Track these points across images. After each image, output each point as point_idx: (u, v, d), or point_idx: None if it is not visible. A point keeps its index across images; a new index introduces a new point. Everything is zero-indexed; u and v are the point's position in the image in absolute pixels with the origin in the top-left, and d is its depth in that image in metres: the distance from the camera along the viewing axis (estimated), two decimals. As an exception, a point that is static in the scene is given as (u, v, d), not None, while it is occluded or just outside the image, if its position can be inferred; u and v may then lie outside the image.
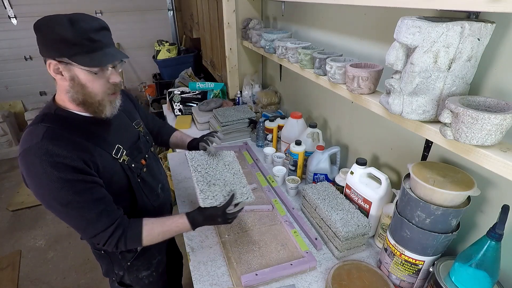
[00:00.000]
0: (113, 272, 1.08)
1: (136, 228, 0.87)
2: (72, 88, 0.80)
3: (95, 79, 0.79)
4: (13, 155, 3.67)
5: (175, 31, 4.41)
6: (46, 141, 0.75)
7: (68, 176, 0.76)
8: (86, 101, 0.82)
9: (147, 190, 1.00)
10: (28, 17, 3.70)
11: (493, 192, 0.78)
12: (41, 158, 0.74)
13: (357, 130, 1.32)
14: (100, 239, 0.84)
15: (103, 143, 0.86)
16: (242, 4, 1.96)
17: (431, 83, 0.66)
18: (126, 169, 0.91)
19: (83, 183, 0.78)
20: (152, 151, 1.09)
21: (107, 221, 0.83)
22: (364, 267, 0.94)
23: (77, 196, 0.78)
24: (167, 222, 0.91)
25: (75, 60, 0.75)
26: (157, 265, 1.16)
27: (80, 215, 0.80)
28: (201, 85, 2.27)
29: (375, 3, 0.77)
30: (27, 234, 2.51)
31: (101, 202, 0.82)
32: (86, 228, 0.82)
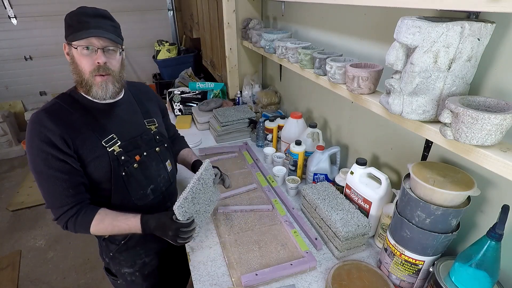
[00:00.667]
0: (102, 257, 1.15)
1: (88, 214, 0.91)
2: (72, 69, 0.90)
3: (82, 57, 0.88)
4: (13, 155, 3.67)
5: (175, 31, 4.41)
6: (44, 111, 0.87)
7: (44, 147, 0.84)
8: (79, 81, 0.91)
9: (131, 186, 1.00)
10: (28, 17, 3.71)
11: (493, 192, 0.78)
12: (32, 125, 0.86)
13: (357, 130, 1.32)
14: (55, 213, 0.91)
15: (98, 128, 0.93)
16: (242, 4, 1.96)
17: (431, 83, 0.66)
18: (112, 159, 0.94)
19: (55, 159, 0.85)
20: (157, 151, 1.07)
21: (66, 201, 0.89)
22: (364, 267, 0.94)
23: (47, 168, 0.86)
24: (120, 217, 0.93)
25: (68, 40, 0.87)
26: (142, 266, 1.14)
27: (46, 185, 0.88)
28: (201, 85, 2.27)
29: (375, 3, 0.77)
30: (27, 234, 2.52)
31: (66, 182, 0.88)
32: (47, 199, 0.90)
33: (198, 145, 1.78)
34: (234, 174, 1.49)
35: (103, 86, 0.91)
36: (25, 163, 3.53)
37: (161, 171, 1.10)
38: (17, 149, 3.67)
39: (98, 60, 0.88)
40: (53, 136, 0.85)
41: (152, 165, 1.06)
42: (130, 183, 0.99)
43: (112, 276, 1.17)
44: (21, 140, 3.75)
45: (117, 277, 1.16)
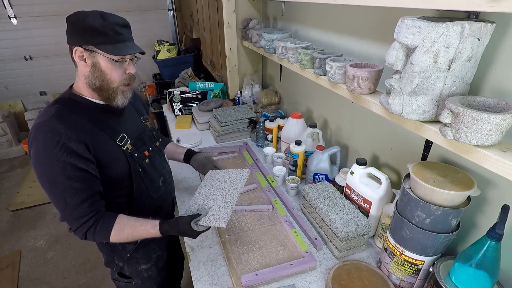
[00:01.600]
0: (114, 263, 1.12)
1: (107, 224, 0.89)
2: (91, 74, 0.87)
3: (114, 68, 0.88)
4: (13, 155, 3.67)
5: (175, 31, 4.41)
6: (54, 119, 0.83)
7: (63, 157, 0.81)
8: (102, 87, 0.89)
9: (147, 180, 1.03)
10: (28, 17, 3.70)
11: (493, 192, 0.78)
12: (45, 133, 0.81)
13: (357, 130, 1.32)
14: (72, 224, 0.88)
15: (109, 129, 0.93)
16: (242, 4, 1.96)
17: (431, 83, 0.66)
18: (128, 156, 0.96)
19: (74, 169, 0.82)
20: (157, 145, 1.12)
21: (84, 211, 0.86)
22: (364, 267, 0.94)
23: (64, 178, 0.82)
24: (139, 227, 0.91)
25: (100, 48, 0.84)
26: (157, 260, 1.18)
27: (62, 197, 0.84)
28: (201, 85, 2.27)
29: (375, 3, 0.77)
30: (27, 234, 2.51)
31: (84, 191, 0.85)
32: (64, 210, 0.86)
33: (198, 145, 1.78)
34: (234, 174, 1.49)
35: (125, 94, 0.94)
36: (25, 163, 3.53)
37: (164, 163, 1.16)
38: (17, 149, 3.67)
39: (131, 71, 0.92)
40: (73, 143, 0.82)
41: (157, 159, 1.10)
42: (146, 177, 1.03)
43: (126, 279, 1.16)
44: (21, 140, 3.75)
45: (131, 278, 1.15)
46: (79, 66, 0.88)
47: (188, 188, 1.42)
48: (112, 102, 0.92)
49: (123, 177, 0.96)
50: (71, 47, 0.85)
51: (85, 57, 0.85)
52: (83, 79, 0.89)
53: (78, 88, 0.92)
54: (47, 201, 2.85)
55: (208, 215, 0.91)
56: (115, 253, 1.09)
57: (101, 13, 0.86)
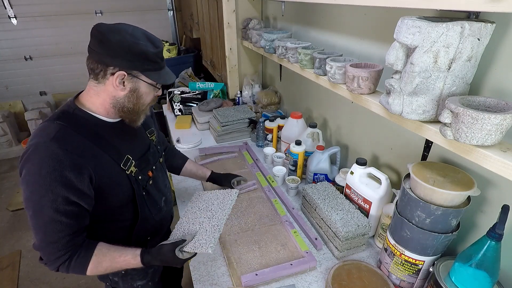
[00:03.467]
0: (108, 278, 1.06)
1: (83, 257, 0.83)
2: (126, 98, 0.82)
3: (150, 92, 0.86)
4: (13, 155, 3.67)
5: (175, 31, 4.41)
6: (55, 141, 0.74)
7: (56, 188, 0.74)
8: (133, 110, 0.85)
9: (150, 203, 0.98)
10: (28, 17, 3.70)
11: (493, 192, 0.78)
12: (42, 159, 0.73)
13: (357, 130, 1.32)
14: (45, 256, 0.82)
15: (113, 151, 0.86)
16: (242, 4, 1.96)
17: (431, 83, 0.66)
18: (132, 181, 0.90)
19: (65, 202, 0.76)
20: (160, 162, 1.07)
21: (63, 246, 0.80)
22: (364, 267, 0.94)
23: (52, 211, 0.75)
24: (118, 258, 0.85)
25: (146, 75, 0.81)
26: (153, 275, 1.13)
27: (43, 228, 0.78)
28: (201, 85, 2.27)
29: (375, 3, 0.77)
30: (27, 234, 2.51)
31: (69, 227, 0.79)
32: (41, 241, 0.80)
33: (198, 145, 1.78)
34: (234, 174, 1.49)
35: (146, 114, 0.93)
36: (25, 163, 3.53)
37: (166, 180, 1.10)
38: (17, 149, 3.67)
39: (159, 93, 0.90)
40: (72, 172, 0.74)
41: (160, 177, 1.04)
42: (149, 200, 0.97)
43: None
44: (21, 140, 3.75)
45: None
46: (108, 86, 0.80)
47: (188, 188, 1.42)
48: (136, 122, 0.89)
49: (126, 202, 0.91)
50: (106, 67, 0.78)
51: (125, 81, 0.79)
52: (108, 99, 0.82)
53: (91, 103, 0.84)
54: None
55: (194, 240, 0.86)
56: None
57: (146, 34, 0.82)
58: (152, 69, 0.82)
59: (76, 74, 4.11)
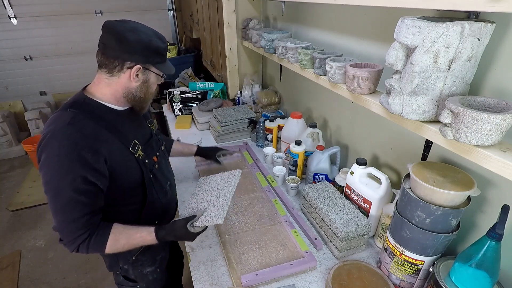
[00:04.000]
0: (118, 266, 1.10)
1: (102, 235, 0.87)
2: (138, 88, 0.91)
3: (156, 82, 0.96)
4: (13, 155, 3.67)
5: (175, 31, 4.41)
6: (71, 126, 0.80)
7: (75, 169, 0.79)
8: (144, 99, 0.95)
9: (157, 186, 1.04)
10: (28, 17, 3.71)
11: (493, 192, 0.78)
12: (60, 141, 0.78)
13: (357, 130, 1.32)
14: (65, 236, 0.85)
15: (122, 137, 0.92)
16: (242, 4, 1.96)
17: (431, 83, 0.66)
18: (141, 164, 0.96)
19: (84, 182, 0.80)
20: (162, 150, 1.14)
21: (82, 225, 0.84)
22: (364, 267, 0.94)
23: (71, 191, 0.80)
24: (135, 235, 0.91)
25: (157, 67, 0.92)
26: (161, 262, 1.18)
27: (63, 209, 0.82)
28: (201, 85, 2.27)
29: (375, 3, 0.77)
30: (27, 234, 2.51)
31: (87, 206, 0.84)
32: (61, 222, 0.84)
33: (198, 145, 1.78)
34: (234, 174, 1.49)
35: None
36: (25, 163, 3.53)
37: (169, 167, 1.19)
38: (17, 149, 3.67)
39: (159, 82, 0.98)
40: (89, 153, 0.80)
41: (163, 163, 1.12)
42: (156, 183, 1.03)
43: (131, 283, 1.14)
44: (21, 140, 3.74)
45: (136, 282, 1.14)
46: (123, 79, 0.87)
47: (188, 188, 1.42)
48: (143, 110, 0.99)
49: (136, 185, 0.97)
50: (123, 62, 0.85)
51: (138, 73, 0.88)
52: (121, 90, 0.89)
53: (102, 94, 0.89)
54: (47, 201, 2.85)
55: (204, 215, 0.92)
56: (119, 256, 1.07)
57: (154, 33, 0.91)
58: (161, 61, 0.92)
59: (76, 74, 4.11)
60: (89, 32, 3.91)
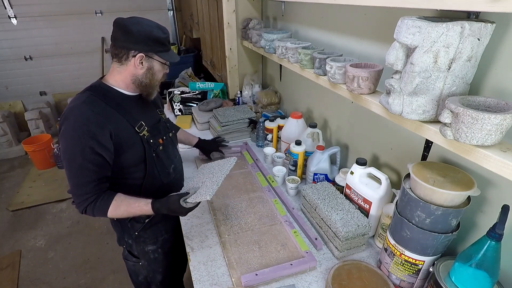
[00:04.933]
0: (124, 240, 1.23)
1: (106, 200, 1.00)
2: (144, 75, 1.03)
3: (162, 70, 1.06)
4: (13, 155, 3.67)
5: (175, 31, 4.41)
6: (85, 104, 0.95)
7: (85, 140, 0.92)
8: (150, 85, 1.06)
9: (159, 165, 1.13)
10: (28, 17, 3.71)
11: (493, 192, 0.78)
12: (75, 116, 0.93)
13: (357, 130, 1.32)
14: (76, 197, 0.99)
15: (129, 117, 1.04)
16: (242, 4, 1.96)
17: (431, 83, 0.66)
18: (144, 142, 1.06)
19: (91, 152, 0.93)
20: (170, 136, 1.22)
21: (90, 189, 0.98)
22: (364, 267, 0.94)
23: (81, 158, 0.93)
24: (133, 204, 1.02)
25: (159, 55, 1.02)
26: (163, 243, 1.27)
27: (76, 173, 0.96)
28: (201, 85, 2.27)
29: (375, 3, 0.77)
30: (27, 234, 2.51)
31: (95, 173, 0.97)
32: (74, 185, 0.98)
33: (198, 145, 1.78)
34: (234, 174, 1.49)
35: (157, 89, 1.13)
36: (25, 163, 3.53)
37: (176, 152, 1.28)
38: (17, 149, 3.67)
39: (167, 71, 1.09)
40: (97, 128, 0.93)
41: (170, 148, 1.21)
42: (158, 163, 1.13)
43: (134, 258, 1.26)
44: (21, 140, 3.74)
45: (139, 258, 1.25)
46: (130, 66, 1.00)
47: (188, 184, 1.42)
48: (150, 95, 1.10)
49: (139, 161, 1.07)
50: (128, 51, 0.97)
51: (143, 61, 1.00)
52: (129, 76, 1.02)
53: (114, 80, 1.03)
54: (47, 201, 2.85)
55: (196, 193, 1.00)
56: (125, 230, 1.20)
57: (157, 25, 1.01)
58: (163, 50, 1.03)
59: (76, 74, 4.11)
60: (89, 32, 3.92)
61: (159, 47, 1.01)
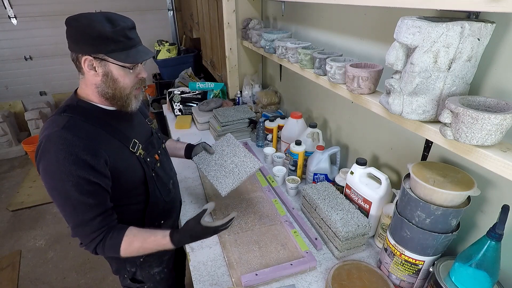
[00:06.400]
0: (125, 269, 1.10)
1: (116, 237, 0.85)
2: (103, 83, 0.83)
3: (126, 74, 0.84)
4: (13, 155, 3.67)
5: (175, 31, 4.41)
6: (66, 130, 0.78)
7: (76, 171, 0.76)
8: (115, 96, 0.85)
9: (160, 184, 1.02)
10: (28, 17, 3.71)
11: (493, 192, 0.78)
12: (57, 146, 0.76)
13: (357, 130, 1.32)
14: (83, 239, 0.85)
15: (121, 136, 0.89)
16: (242, 4, 1.96)
17: (431, 83, 0.66)
18: (142, 162, 0.94)
19: (87, 183, 0.79)
20: (163, 147, 1.13)
21: (96, 226, 0.83)
22: (364, 267, 0.94)
23: (77, 194, 0.78)
24: (149, 238, 0.87)
25: (112, 56, 0.79)
26: (168, 262, 1.19)
27: (74, 213, 0.81)
28: (201, 85, 2.27)
29: (375, 3, 0.77)
30: (27, 234, 2.51)
31: (97, 207, 0.82)
32: (76, 227, 0.83)
33: (198, 145, 1.78)
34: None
35: (138, 97, 0.91)
36: (25, 163, 3.53)
37: (171, 165, 1.17)
38: (17, 149, 3.67)
39: (143, 75, 0.87)
40: (87, 155, 0.78)
41: (165, 161, 1.10)
42: (159, 182, 1.02)
43: (138, 284, 1.14)
44: (21, 140, 3.74)
45: (144, 282, 1.14)
46: (87, 75, 0.82)
47: (188, 188, 1.42)
48: (127, 108, 0.89)
49: (138, 184, 0.95)
50: (76, 55, 0.79)
51: (95, 66, 0.80)
52: (93, 88, 0.84)
53: (86, 94, 0.86)
54: (47, 201, 2.85)
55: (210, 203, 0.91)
56: (127, 259, 1.06)
57: (107, 16, 0.80)
58: (117, 49, 0.79)
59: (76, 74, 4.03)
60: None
61: (109, 46, 0.78)
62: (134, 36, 0.83)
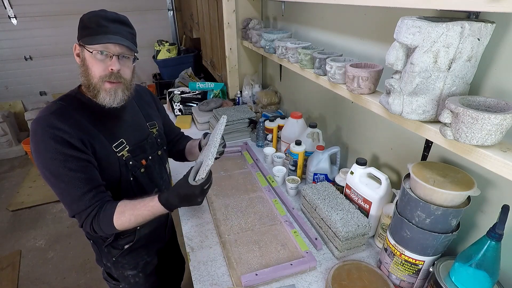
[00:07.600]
0: (101, 261, 1.13)
1: (108, 210, 0.85)
2: (82, 71, 0.87)
3: (96, 62, 0.84)
4: (13, 155, 3.67)
5: (175, 31, 4.41)
6: (54, 115, 0.82)
7: (63, 150, 0.80)
8: (88, 84, 0.87)
9: (138, 190, 1.00)
10: (28, 17, 3.70)
11: (493, 192, 0.78)
12: (44, 128, 0.80)
13: (357, 130, 1.32)
14: (79, 218, 0.86)
15: (107, 133, 0.91)
16: (242, 4, 1.96)
17: (431, 83, 0.66)
18: (122, 164, 0.94)
19: (76, 160, 0.82)
20: (159, 154, 1.10)
21: (90, 201, 0.84)
22: (364, 267, 0.94)
23: (67, 170, 0.81)
24: (138, 205, 0.87)
25: (82, 41, 0.83)
26: (144, 267, 1.16)
27: (67, 189, 0.83)
28: (201, 85, 2.27)
29: (375, 3, 0.77)
30: (27, 234, 2.52)
31: (88, 182, 0.84)
32: (71, 204, 0.85)
33: (198, 145, 1.78)
34: (234, 174, 1.49)
35: (111, 92, 0.88)
36: (25, 163, 3.53)
37: (163, 173, 1.14)
38: (17, 149, 3.67)
39: (112, 67, 0.85)
40: (72, 139, 0.81)
41: (156, 168, 1.08)
42: (137, 187, 1.00)
43: (114, 281, 1.15)
44: (21, 140, 3.75)
45: (119, 281, 1.15)
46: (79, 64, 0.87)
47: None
48: (97, 99, 0.87)
49: (114, 184, 0.94)
50: None
51: (78, 52, 0.86)
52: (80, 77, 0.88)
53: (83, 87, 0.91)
54: (47, 201, 2.85)
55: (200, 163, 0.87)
56: (102, 254, 1.08)
57: (100, 10, 0.86)
58: (87, 34, 0.82)
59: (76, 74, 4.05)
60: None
61: (84, 31, 0.83)
62: (109, 26, 0.84)
